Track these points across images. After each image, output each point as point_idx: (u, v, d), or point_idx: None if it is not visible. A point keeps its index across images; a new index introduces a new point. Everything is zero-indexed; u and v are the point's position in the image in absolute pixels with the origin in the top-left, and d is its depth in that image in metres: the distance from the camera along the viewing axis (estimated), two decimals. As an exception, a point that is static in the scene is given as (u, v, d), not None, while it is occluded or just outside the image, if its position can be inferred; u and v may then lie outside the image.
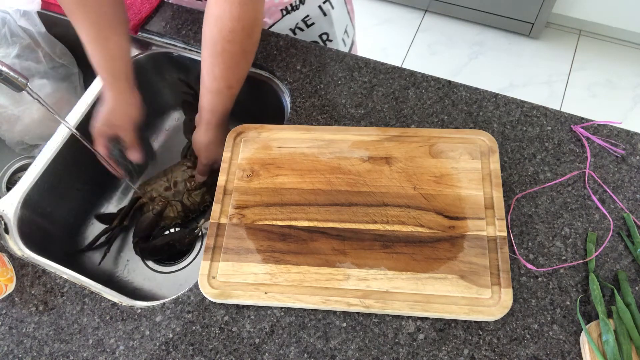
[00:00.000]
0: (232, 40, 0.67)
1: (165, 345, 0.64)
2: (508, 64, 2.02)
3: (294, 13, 0.91)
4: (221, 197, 0.72)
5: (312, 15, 0.93)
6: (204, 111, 0.77)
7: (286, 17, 0.91)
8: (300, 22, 0.93)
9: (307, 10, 0.92)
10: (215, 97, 0.74)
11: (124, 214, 0.86)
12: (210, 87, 0.73)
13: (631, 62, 1.98)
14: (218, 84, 0.72)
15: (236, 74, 0.72)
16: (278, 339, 0.63)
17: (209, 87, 0.73)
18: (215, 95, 0.74)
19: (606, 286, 0.63)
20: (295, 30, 0.94)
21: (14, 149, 0.97)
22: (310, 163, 0.74)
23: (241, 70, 0.72)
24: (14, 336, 0.67)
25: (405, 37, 2.15)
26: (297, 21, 0.93)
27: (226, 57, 0.69)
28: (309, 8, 0.92)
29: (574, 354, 0.60)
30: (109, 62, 0.75)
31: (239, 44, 0.68)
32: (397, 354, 0.61)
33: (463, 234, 0.66)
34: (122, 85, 0.77)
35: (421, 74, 0.83)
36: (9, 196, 0.79)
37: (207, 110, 0.76)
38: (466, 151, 0.72)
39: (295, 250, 0.66)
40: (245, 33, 0.67)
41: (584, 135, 0.75)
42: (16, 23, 0.92)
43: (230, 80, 0.72)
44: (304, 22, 0.94)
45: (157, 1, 0.96)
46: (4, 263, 0.70)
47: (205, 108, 0.76)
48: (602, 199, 0.70)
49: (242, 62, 0.71)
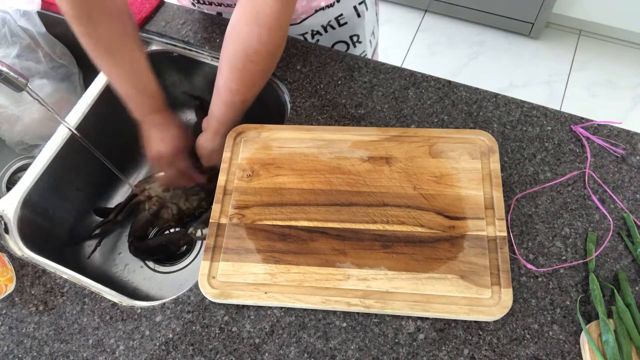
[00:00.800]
0: (256, 61, 0.69)
1: (165, 345, 0.64)
2: (508, 64, 2.02)
3: (329, 10, 0.90)
4: (221, 197, 0.72)
5: (345, 15, 0.92)
6: (214, 120, 0.77)
7: (319, 12, 0.90)
8: (333, 20, 0.92)
9: (342, 9, 0.91)
10: (228, 109, 0.75)
11: (119, 209, 0.86)
12: (225, 99, 0.74)
13: (631, 62, 1.98)
14: (233, 97, 0.73)
15: (252, 91, 0.73)
16: (278, 339, 0.63)
17: (224, 99, 0.74)
18: (228, 107, 0.75)
19: (606, 286, 0.63)
20: (326, 27, 0.93)
21: (14, 149, 0.97)
22: (310, 163, 0.74)
23: (258, 88, 0.74)
24: (14, 336, 0.67)
25: (405, 37, 2.15)
26: (330, 19, 0.91)
27: (246, 75, 0.70)
28: (343, 6, 0.90)
29: (574, 354, 0.60)
30: (141, 95, 0.77)
31: (261, 64, 0.70)
32: (397, 354, 0.61)
33: (463, 234, 0.66)
34: (167, 114, 0.80)
35: (421, 74, 0.83)
36: (9, 196, 0.80)
37: (218, 120, 0.77)
38: (466, 151, 0.72)
39: (295, 250, 0.66)
40: (269, 56, 0.69)
41: (584, 135, 0.75)
42: (16, 23, 0.92)
43: (246, 95, 0.73)
44: (336, 21, 0.92)
45: (157, 1, 0.96)
46: (4, 263, 0.70)
47: (215, 117, 0.77)
48: (602, 199, 0.70)
49: (260, 81, 0.73)
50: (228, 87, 0.72)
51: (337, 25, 0.93)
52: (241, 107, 0.75)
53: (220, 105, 0.75)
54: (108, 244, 0.90)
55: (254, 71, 0.70)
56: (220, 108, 0.76)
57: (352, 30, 0.95)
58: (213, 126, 0.78)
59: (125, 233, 0.91)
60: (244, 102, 0.74)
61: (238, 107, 0.75)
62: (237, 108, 0.75)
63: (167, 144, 0.80)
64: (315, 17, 0.90)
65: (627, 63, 1.98)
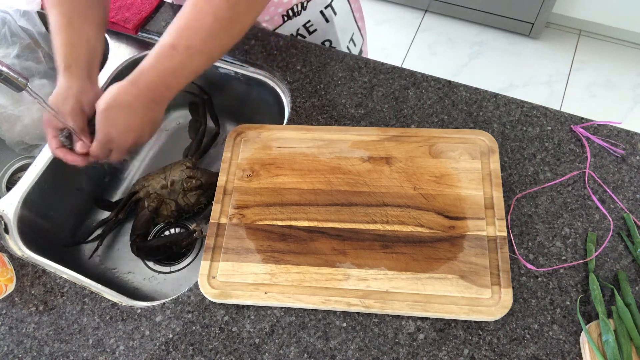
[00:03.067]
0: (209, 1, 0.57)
1: (165, 345, 0.64)
2: (508, 64, 2.02)
3: (296, 19, 0.90)
4: (221, 197, 0.72)
5: (313, 21, 0.92)
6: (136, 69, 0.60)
7: (287, 22, 0.90)
8: (302, 28, 0.92)
9: (309, 15, 0.90)
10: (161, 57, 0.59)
11: (120, 207, 0.86)
12: (159, 46, 0.59)
13: (631, 62, 1.98)
14: (172, 39, 0.58)
15: (200, 35, 0.59)
16: (278, 339, 0.63)
17: (158, 45, 0.60)
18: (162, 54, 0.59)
19: (606, 286, 0.63)
20: (297, 36, 0.93)
21: (14, 149, 0.97)
22: (310, 163, 0.74)
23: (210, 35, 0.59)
24: (14, 336, 0.67)
25: (405, 37, 2.15)
26: (299, 27, 0.92)
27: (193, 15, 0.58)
28: (310, 13, 0.90)
29: (574, 354, 0.60)
30: (68, 48, 0.66)
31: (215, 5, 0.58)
32: (397, 354, 0.61)
33: (463, 234, 0.66)
34: (79, 73, 0.68)
35: (421, 74, 0.83)
36: (9, 196, 0.80)
37: (140, 68, 0.60)
38: (466, 151, 0.72)
39: (295, 250, 0.66)
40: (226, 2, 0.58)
41: (584, 135, 0.75)
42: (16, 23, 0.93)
43: (191, 40, 0.58)
44: (305, 29, 0.92)
45: (157, 1, 0.96)
46: (4, 263, 0.70)
47: (140, 66, 0.60)
48: (602, 199, 0.70)
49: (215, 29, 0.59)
50: (166, 33, 0.59)
51: (307, 33, 0.93)
52: (185, 54, 0.59)
53: (150, 55, 0.60)
54: (108, 243, 0.90)
55: (206, 12, 0.57)
56: (149, 58, 0.60)
57: (322, 36, 0.95)
58: (131, 75, 0.60)
59: (125, 232, 0.91)
60: (188, 47, 0.58)
61: (178, 55, 0.58)
62: (176, 56, 0.58)
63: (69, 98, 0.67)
64: (283, 28, 0.90)
65: (627, 63, 1.98)
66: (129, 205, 0.86)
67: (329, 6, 0.92)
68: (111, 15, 0.94)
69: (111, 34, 0.95)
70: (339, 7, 0.95)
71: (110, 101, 0.61)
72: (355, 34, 1.02)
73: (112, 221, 0.86)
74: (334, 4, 0.93)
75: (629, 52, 2.01)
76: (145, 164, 0.99)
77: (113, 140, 0.64)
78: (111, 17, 0.93)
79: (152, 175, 0.87)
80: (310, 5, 0.90)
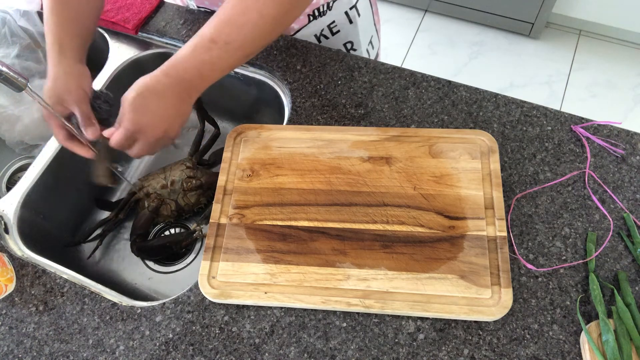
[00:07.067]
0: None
1: (165, 345, 0.64)
2: (508, 64, 2.02)
3: (321, 19, 0.89)
4: (221, 197, 0.72)
5: (337, 22, 0.91)
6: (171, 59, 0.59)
7: (312, 22, 0.89)
8: (326, 28, 0.91)
9: (334, 16, 0.89)
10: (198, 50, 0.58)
11: (120, 207, 0.86)
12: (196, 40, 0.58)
13: (631, 62, 1.98)
14: (212, 34, 0.57)
15: (243, 31, 0.58)
16: (278, 339, 0.63)
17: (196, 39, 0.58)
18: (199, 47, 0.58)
19: (606, 286, 0.63)
20: (320, 37, 0.92)
21: (14, 149, 0.97)
22: (310, 163, 0.74)
23: (253, 32, 0.58)
24: (14, 336, 0.67)
25: (405, 37, 2.15)
26: (323, 27, 0.90)
27: (235, 11, 0.57)
28: (335, 13, 0.89)
29: (574, 354, 0.60)
30: (64, 26, 0.65)
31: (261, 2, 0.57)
32: (397, 354, 0.61)
33: (463, 234, 0.66)
34: (74, 55, 0.67)
35: (421, 74, 0.83)
36: (9, 196, 0.80)
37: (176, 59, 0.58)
38: (466, 151, 0.72)
39: (295, 250, 0.66)
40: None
41: (584, 136, 0.75)
42: (16, 23, 0.93)
43: (231, 36, 0.57)
44: (329, 29, 0.91)
45: (157, 1, 0.96)
46: (4, 263, 0.70)
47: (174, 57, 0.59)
48: (602, 199, 0.70)
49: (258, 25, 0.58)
50: (206, 26, 0.57)
51: (330, 34, 0.92)
52: (224, 49, 0.58)
53: (187, 46, 0.58)
54: (108, 243, 0.90)
55: (252, 8, 0.56)
56: (185, 49, 0.58)
57: (345, 37, 0.94)
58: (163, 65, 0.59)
59: (125, 232, 0.91)
60: (228, 43, 0.57)
61: (217, 49, 0.57)
62: (214, 49, 0.57)
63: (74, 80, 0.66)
64: (307, 28, 0.89)
65: (627, 63, 1.98)
66: (129, 205, 0.86)
67: (354, 7, 0.92)
68: (111, 15, 0.94)
69: (111, 34, 0.95)
70: (362, 7, 0.94)
71: (141, 89, 0.58)
72: (373, 37, 1.02)
73: (112, 221, 0.86)
74: (358, 5, 0.93)
75: (629, 52, 2.01)
76: (145, 164, 0.99)
77: (142, 129, 0.60)
78: (111, 17, 0.93)
79: (152, 175, 0.87)
80: (336, 5, 0.89)
